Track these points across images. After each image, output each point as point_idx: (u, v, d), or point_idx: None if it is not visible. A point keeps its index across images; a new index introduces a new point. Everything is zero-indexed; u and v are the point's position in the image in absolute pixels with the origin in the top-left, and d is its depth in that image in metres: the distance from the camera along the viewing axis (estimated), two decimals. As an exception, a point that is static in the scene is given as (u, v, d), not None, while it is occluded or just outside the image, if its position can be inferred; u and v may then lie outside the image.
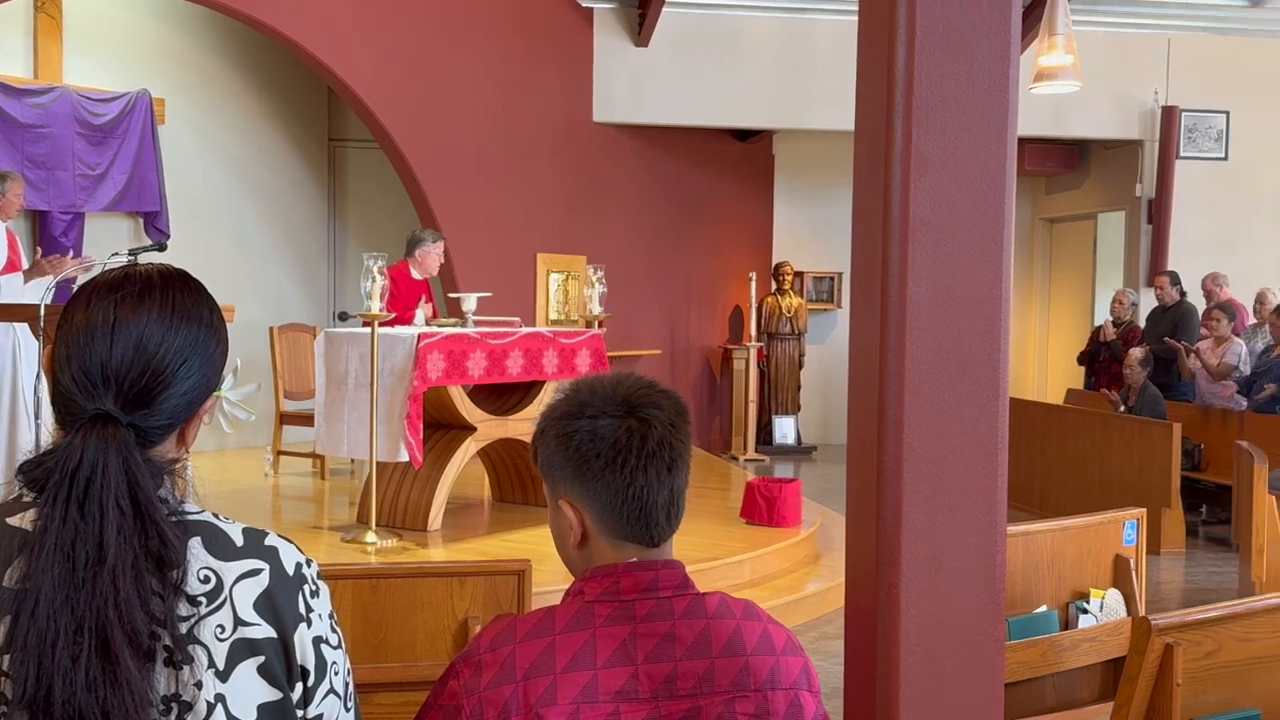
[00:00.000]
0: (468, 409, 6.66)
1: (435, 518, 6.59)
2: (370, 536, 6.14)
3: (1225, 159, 11.75)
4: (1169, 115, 11.57)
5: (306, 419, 7.71)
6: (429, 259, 7.70)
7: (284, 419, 8.55)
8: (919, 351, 1.41)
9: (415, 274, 7.64)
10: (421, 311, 7.15)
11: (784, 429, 12.55)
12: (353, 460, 8.02)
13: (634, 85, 10.98)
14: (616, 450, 1.52)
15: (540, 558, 3.52)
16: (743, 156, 12.55)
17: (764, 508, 7.17)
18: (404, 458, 6.14)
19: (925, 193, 1.38)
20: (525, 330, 6.99)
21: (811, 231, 12.63)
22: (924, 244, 1.39)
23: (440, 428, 6.65)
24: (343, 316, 7.97)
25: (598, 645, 1.47)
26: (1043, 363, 13.62)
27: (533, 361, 6.86)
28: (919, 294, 1.40)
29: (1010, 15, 1.37)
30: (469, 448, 6.69)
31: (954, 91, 1.37)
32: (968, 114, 1.38)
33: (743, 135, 12.28)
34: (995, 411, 1.42)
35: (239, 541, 1.36)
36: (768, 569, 6.55)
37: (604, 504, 1.54)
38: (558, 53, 10.73)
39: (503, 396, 7.08)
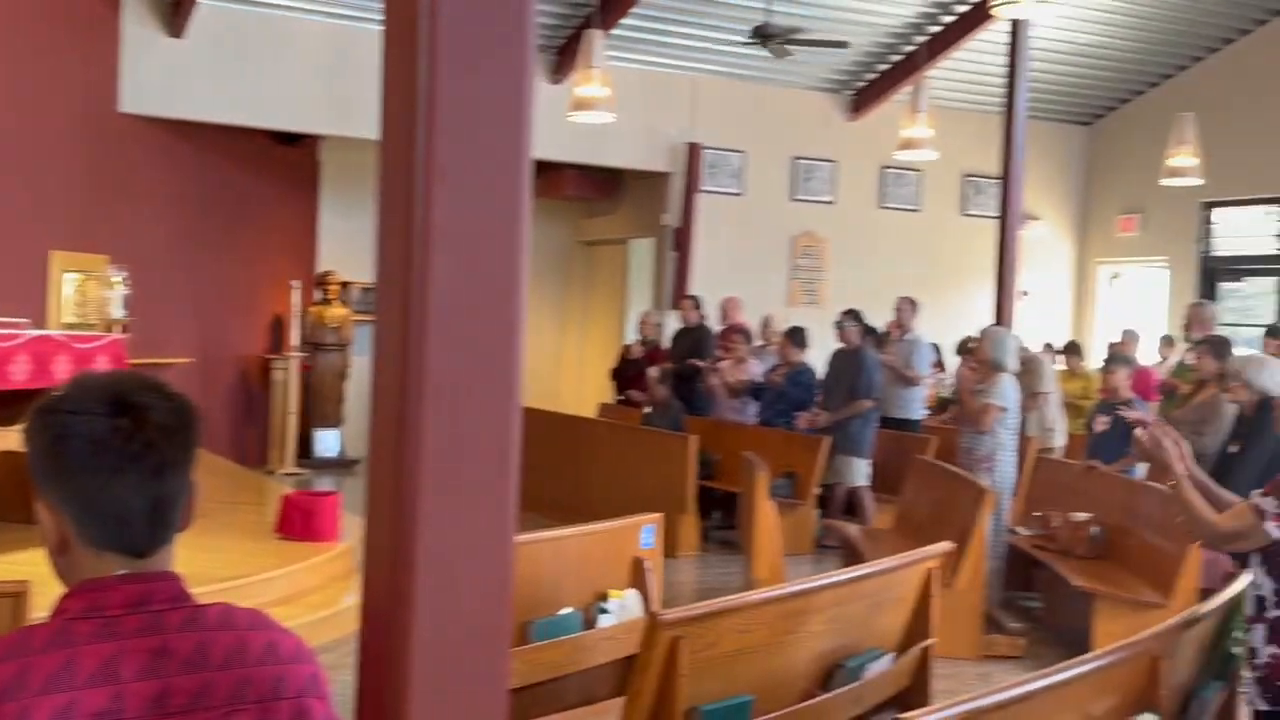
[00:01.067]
0: (-40, 419, 5.99)
1: (-83, 542, 5.87)
2: None
3: (741, 194, 12.90)
4: (693, 151, 12.54)
5: None
6: None
7: None
8: (438, 358, 1.44)
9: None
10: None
11: (326, 442, 12.28)
12: None
13: (167, 77, 10.35)
14: (96, 449, 1.42)
15: (46, 580, 3.21)
16: (287, 161, 12.16)
17: (300, 522, 6.98)
18: (-122, 474, 5.42)
19: (445, 202, 1.42)
20: (33, 333, 6.39)
21: (359, 241, 12.42)
22: (444, 252, 1.43)
23: (-74, 440, 5.93)
24: None
25: (78, 664, 1.37)
26: (579, 378, 14.27)
27: (41, 367, 6.29)
28: (438, 301, 1.43)
29: (526, 37, 1.44)
30: (-39, 462, 6.02)
31: (473, 106, 1.42)
32: (486, 128, 1.43)
33: (287, 139, 11.90)
34: (509, 418, 1.48)
35: None
36: (302, 584, 6.38)
37: (80, 507, 1.45)
38: (76, 34, 9.89)
39: (10, 406, 6.41)
